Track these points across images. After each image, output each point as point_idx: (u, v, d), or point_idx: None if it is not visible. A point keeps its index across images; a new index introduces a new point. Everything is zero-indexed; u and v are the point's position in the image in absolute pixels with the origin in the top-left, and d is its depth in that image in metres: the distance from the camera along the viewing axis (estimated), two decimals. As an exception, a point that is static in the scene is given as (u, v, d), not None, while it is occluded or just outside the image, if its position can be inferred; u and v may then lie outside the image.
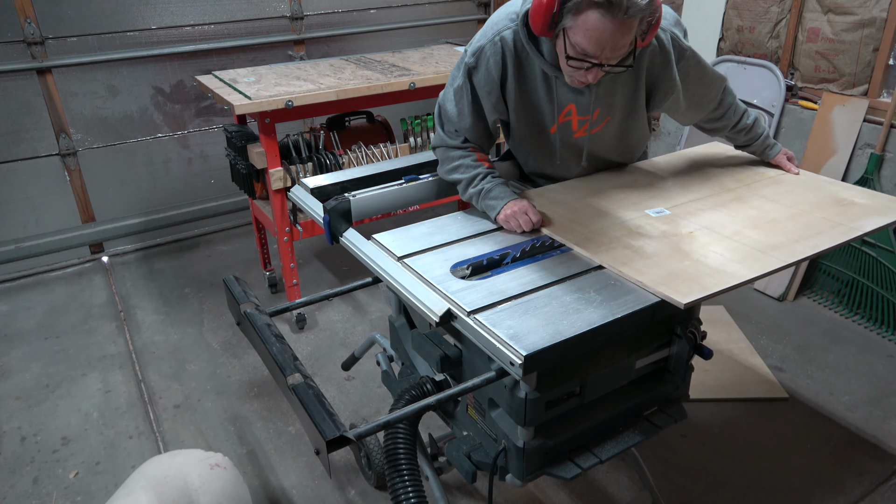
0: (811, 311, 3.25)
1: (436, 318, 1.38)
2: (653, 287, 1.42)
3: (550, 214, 1.79)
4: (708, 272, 1.46)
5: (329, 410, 1.29)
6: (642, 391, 1.67)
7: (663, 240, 1.63)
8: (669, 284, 1.42)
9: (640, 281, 1.45)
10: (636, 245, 1.60)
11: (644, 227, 1.70)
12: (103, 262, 3.96)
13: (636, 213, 1.78)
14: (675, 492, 2.23)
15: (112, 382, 2.87)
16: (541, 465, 1.53)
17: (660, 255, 1.55)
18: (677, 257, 1.54)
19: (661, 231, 1.67)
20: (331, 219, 1.81)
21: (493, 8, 5.03)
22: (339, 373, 2.83)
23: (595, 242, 1.63)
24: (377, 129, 3.32)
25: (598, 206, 1.83)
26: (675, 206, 1.81)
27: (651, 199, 1.87)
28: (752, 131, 2.04)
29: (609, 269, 1.53)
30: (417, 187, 1.99)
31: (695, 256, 1.53)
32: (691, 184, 1.97)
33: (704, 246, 1.58)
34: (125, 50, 3.73)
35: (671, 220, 1.74)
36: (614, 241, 1.63)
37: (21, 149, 3.62)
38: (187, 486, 1.79)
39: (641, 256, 1.55)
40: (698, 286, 1.40)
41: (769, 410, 2.58)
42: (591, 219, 1.76)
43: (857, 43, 3.11)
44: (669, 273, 1.47)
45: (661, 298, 1.40)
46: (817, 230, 1.67)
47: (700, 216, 1.75)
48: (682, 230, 1.67)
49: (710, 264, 1.50)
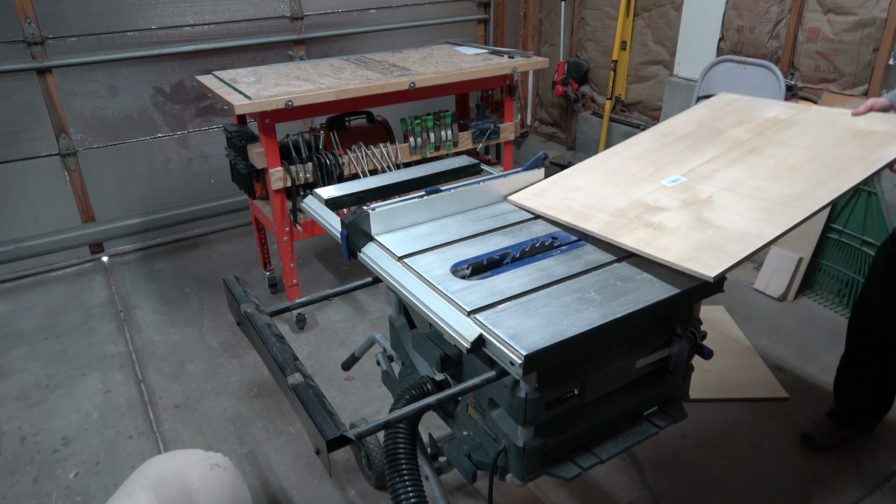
0: (811, 311, 3.25)
1: (466, 345, 1.32)
2: (680, 265, 1.37)
3: (569, 203, 1.74)
4: (733, 237, 1.41)
5: (329, 410, 1.28)
6: (642, 391, 1.66)
7: (683, 210, 1.56)
8: (696, 259, 1.36)
9: (667, 260, 1.40)
10: (657, 221, 1.55)
11: (662, 201, 1.63)
12: (103, 262, 3.96)
13: (652, 185, 1.71)
14: (675, 492, 2.23)
15: (112, 382, 2.87)
16: (541, 464, 1.53)
17: (682, 228, 1.49)
18: (700, 227, 1.47)
19: (681, 201, 1.60)
20: (349, 233, 1.71)
21: (494, 8, 5.03)
22: (339, 373, 2.83)
23: (616, 226, 1.58)
24: (377, 129, 3.32)
25: (614, 185, 1.77)
26: (691, 171, 1.74)
27: (665, 167, 1.79)
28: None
29: (634, 250, 1.49)
30: (441, 200, 1.87)
31: (718, 223, 1.47)
32: (703, 144, 1.88)
33: (726, 209, 1.52)
34: (125, 50, 3.73)
35: (688, 187, 1.67)
36: (634, 220, 1.58)
37: (21, 149, 3.62)
38: (187, 486, 1.79)
39: (663, 233, 1.49)
40: (725, 254, 1.35)
41: (769, 410, 2.58)
42: (609, 200, 1.69)
43: (857, 43, 3.11)
44: (694, 246, 1.41)
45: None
46: (839, 169, 1.58)
47: (717, 177, 1.67)
48: (700, 196, 1.60)
49: (734, 229, 1.44)
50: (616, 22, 4.36)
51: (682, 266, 1.37)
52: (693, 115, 2.10)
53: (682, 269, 1.37)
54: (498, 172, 2.06)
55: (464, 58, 3.37)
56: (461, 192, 1.89)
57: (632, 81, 4.47)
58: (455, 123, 3.28)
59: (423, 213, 1.84)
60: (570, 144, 5.07)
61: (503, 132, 3.46)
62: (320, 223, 1.89)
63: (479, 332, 1.33)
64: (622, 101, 4.58)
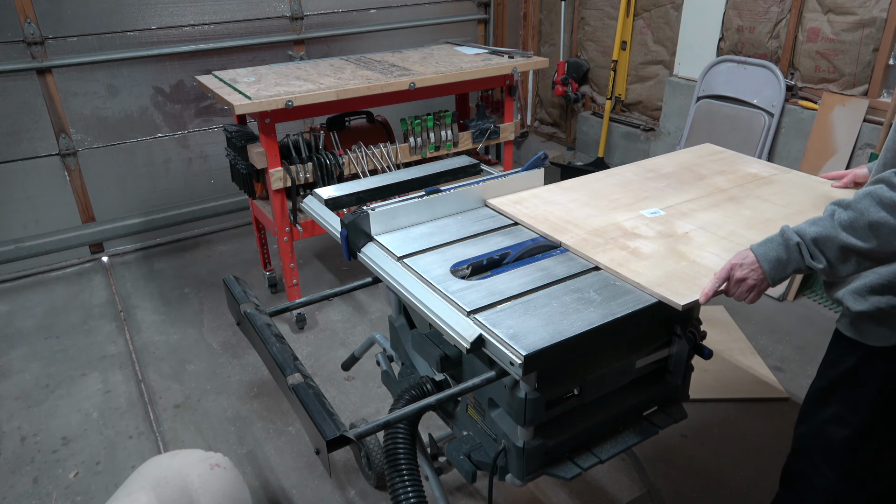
0: (811, 311, 3.25)
1: (466, 346, 1.32)
2: (651, 289, 1.42)
3: (545, 215, 1.79)
4: (705, 273, 1.46)
5: (329, 410, 1.29)
6: (642, 391, 1.67)
7: (659, 240, 1.63)
8: (667, 286, 1.42)
9: (638, 283, 1.45)
10: (632, 246, 1.60)
11: (639, 228, 1.70)
12: (103, 262, 3.96)
13: (631, 213, 1.78)
14: (675, 492, 2.23)
15: (112, 382, 2.87)
16: (541, 464, 1.53)
17: (656, 256, 1.55)
18: (674, 258, 1.54)
19: (657, 232, 1.67)
20: (349, 233, 1.72)
21: (493, 8, 5.03)
22: (339, 373, 2.83)
23: (591, 243, 1.63)
24: (377, 129, 3.32)
25: (593, 207, 1.83)
26: (670, 207, 1.82)
27: (646, 199, 1.87)
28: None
29: (606, 270, 1.53)
30: (440, 200, 1.87)
31: (691, 257, 1.54)
32: (684, 185, 1.97)
33: (700, 246, 1.58)
34: (125, 50, 3.73)
35: (666, 220, 1.74)
36: (610, 241, 1.63)
37: (21, 149, 3.62)
38: (187, 486, 1.79)
39: (638, 258, 1.55)
40: (696, 286, 1.41)
41: (769, 410, 2.58)
42: (587, 219, 1.76)
43: (857, 43, 3.11)
44: (667, 274, 1.47)
45: (659, 299, 1.40)
46: None
47: (695, 216, 1.75)
48: (677, 231, 1.67)
49: (706, 265, 1.50)
50: (616, 22, 4.36)
51: (652, 290, 1.41)
52: (678, 158, 2.20)
53: (653, 294, 1.41)
54: (498, 172, 2.07)
55: (464, 58, 3.37)
56: (459, 193, 1.90)
57: (632, 81, 4.47)
58: (455, 123, 3.28)
59: (423, 213, 1.84)
60: (570, 144, 5.07)
61: (503, 132, 3.46)
62: (320, 223, 1.89)
63: (478, 333, 1.33)
64: (622, 101, 4.58)
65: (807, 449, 1.65)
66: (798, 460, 1.69)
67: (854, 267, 1.25)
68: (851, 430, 1.52)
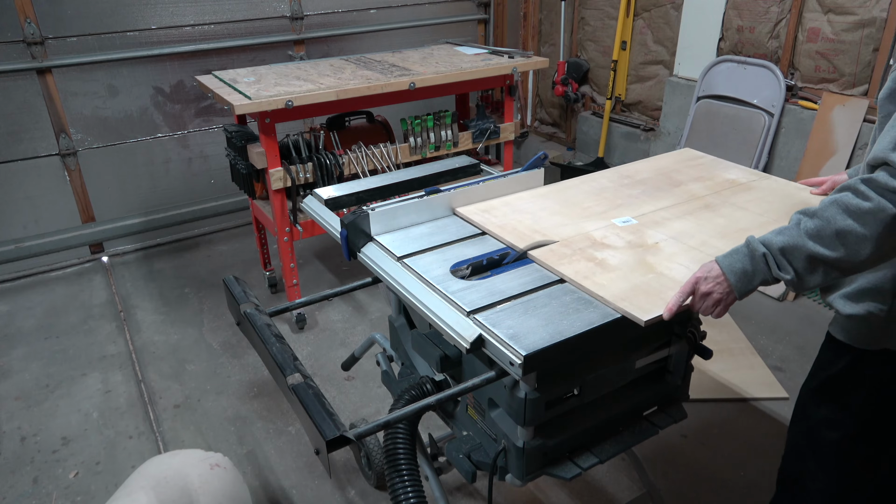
0: (811, 311, 3.25)
1: (466, 346, 1.32)
2: (614, 303, 1.36)
3: (513, 224, 1.74)
4: (671, 286, 1.40)
5: (329, 410, 1.29)
6: (642, 391, 1.67)
7: (628, 251, 1.57)
8: (631, 300, 1.36)
9: (601, 296, 1.39)
10: (600, 257, 1.55)
11: (609, 238, 1.64)
12: (103, 262, 3.96)
13: (602, 222, 1.72)
14: (675, 492, 2.23)
15: (112, 382, 2.87)
16: (541, 464, 1.53)
17: (623, 267, 1.49)
18: (641, 270, 1.48)
19: (627, 242, 1.61)
20: (349, 233, 1.71)
21: (493, 8, 5.03)
22: (339, 373, 2.83)
23: (558, 254, 1.57)
24: (377, 129, 3.32)
25: (564, 216, 1.77)
26: (643, 215, 1.75)
27: (619, 207, 1.81)
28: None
29: (570, 282, 1.48)
30: (439, 200, 1.86)
31: (659, 269, 1.48)
32: (660, 191, 1.91)
33: (669, 257, 1.53)
34: (125, 50, 3.73)
35: (637, 229, 1.68)
36: (578, 252, 1.57)
37: (21, 149, 3.62)
38: (187, 486, 1.79)
39: (604, 269, 1.49)
40: (660, 301, 1.35)
41: (769, 410, 2.58)
42: (555, 228, 1.69)
43: (857, 43, 3.11)
44: (632, 287, 1.41)
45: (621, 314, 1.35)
46: None
47: (667, 225, 1.69)
48: (647, 241, 1.61)
49: (674, 277, 1.44)
50: (616, 22, 4.36)
51: (615, 305, 1.36)
52: (656, 163, 2.15)
53: (615, 309, 1.36)
54: (498, 172, 2.07)
55: (464, 58, 3.37)
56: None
57: (632, 81, 4.47)
58: (455, 123, 3.28)
59: (423, 213, 1.84)
60: (570, 144, 5.07)
61: (503, 132, 3.46)
62: (320, 223, 1.89)
63: (478, 333, 1.33)
64: (622, 101, 4.58)
65: (800, 451, 1.64)
66: (792, 462, 1.68)
67: (821, 278, 1.21)
68: (842, 433, 1.51)
